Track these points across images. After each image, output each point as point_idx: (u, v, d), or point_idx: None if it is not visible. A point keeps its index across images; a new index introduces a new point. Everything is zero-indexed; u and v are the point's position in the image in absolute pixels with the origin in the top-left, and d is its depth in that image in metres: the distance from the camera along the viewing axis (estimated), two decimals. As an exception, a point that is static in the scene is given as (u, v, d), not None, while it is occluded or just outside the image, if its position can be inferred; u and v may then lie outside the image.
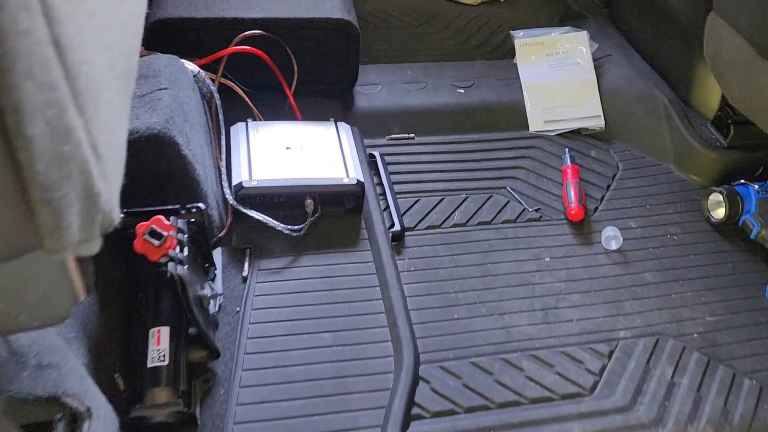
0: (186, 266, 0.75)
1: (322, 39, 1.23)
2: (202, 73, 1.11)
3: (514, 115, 1.34)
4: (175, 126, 0.92)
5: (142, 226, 0.80)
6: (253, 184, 1.03)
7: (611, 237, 1.11)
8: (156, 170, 0.91)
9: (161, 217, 0.82)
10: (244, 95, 1.18)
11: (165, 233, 0.79)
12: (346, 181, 1.07)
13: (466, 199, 1.17)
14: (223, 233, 1.02)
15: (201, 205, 0.86)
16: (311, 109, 1.25)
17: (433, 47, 1.52)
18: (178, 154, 0.91)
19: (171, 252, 0.75)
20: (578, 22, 1.54)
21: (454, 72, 1.42)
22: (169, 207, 0.85)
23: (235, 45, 1.17)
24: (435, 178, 1.21)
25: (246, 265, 1.00)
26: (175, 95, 0.96)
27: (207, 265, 0.94)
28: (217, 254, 1.00)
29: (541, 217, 1.16)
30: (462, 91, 1.37)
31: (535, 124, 1.34)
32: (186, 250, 0.77)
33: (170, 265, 0.74)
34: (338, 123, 1.19)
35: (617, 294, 1.04)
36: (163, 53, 1.12)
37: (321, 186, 1.06)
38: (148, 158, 0.89)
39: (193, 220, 0.86)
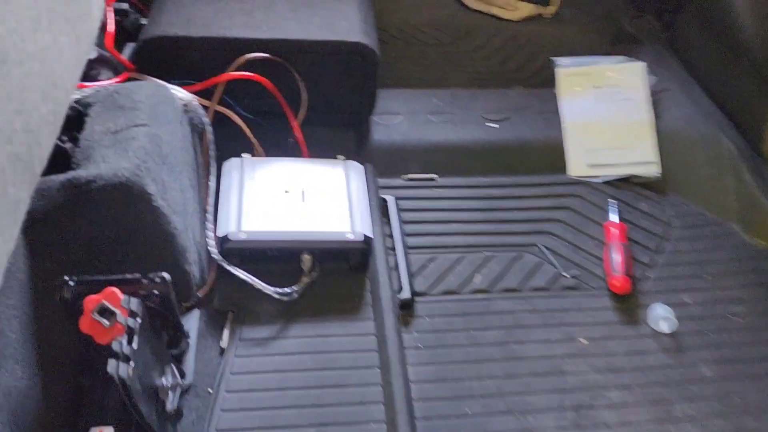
0: (132, 364, 0.61)
1: (336, 64, 1.08)
2: (195, 101, 0.97)
3: (552, 157, 1.17)
4: (149, 172, 0.78)
5: (91, 301, 0.67)
6: (241, 237, 0.89)
7: (661, 317, 0.93)
8: (122, 224, 0.77)
9: (115, 289, 0.69)
10: (243, 125, 1.04)
11: (118, 311, 0.66)
12: (350, 236, 0.92)
13: (490, 258, 1.01)
14: (203, 292, 0.88)
15: (165, 275, 0.72)
16: (321, 141, 1.10)
17: (465, 69, 1.35)
18: (148, 206, 0.77)
19: (114, 345, 0.61)
20: (632, 48, 1.35)
21: (486, 102, 1.25)
22: (128, 276, 0.71)
23: (236, 69, 1.02)
24: (456, 230, 1.05)
25: (226, 333, 0.86)
26: (154, 134, 0.83)
27: (177, 334, 0.81)
28: (194, 318, 0.86)
29: (577, 285, 0.99)
30: (495, 125, 1.20)
31: (577, 168, 1.16)
32: (135, 341, 0.64)
33: (111, 364, 0.60)
34: (348, 162, 1.04)
35: (666, 392, 0.86)
36: (155, 75, 1.00)
37: (321, 242, 0.91)
38: (112, 210, 0.76)
39: (156, 292, 0.73)
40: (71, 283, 0.71)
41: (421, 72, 1.33)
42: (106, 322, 0.65)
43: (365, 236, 0.92)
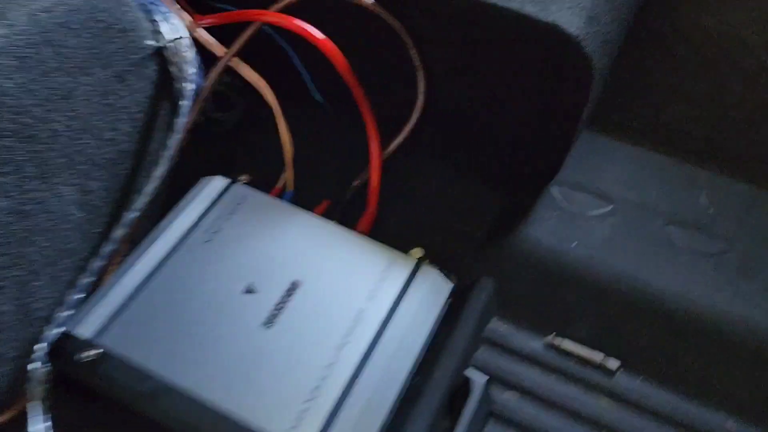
0: None
1: (499, 58, 0.50)
2: (186, 42, 0.49)
3: None
4: None
5: None
6: (88, 355, 0.40)
7: None
8: None
9: None
10: (278, 109, 0.53)
11: None
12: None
13: None
14: (3, 418, 0.42)
15: None
16: (425, 202, 0.55)
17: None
18: None
19: None
20: None
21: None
22: None
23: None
24: None
25: None
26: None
27: None
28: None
29: None
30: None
31: None
32: None
33: None
34: (427, 270, 0.47)
35: None
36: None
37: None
38: None
39: None
40: None
41: (693, 124, 0.66)
42: None
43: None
